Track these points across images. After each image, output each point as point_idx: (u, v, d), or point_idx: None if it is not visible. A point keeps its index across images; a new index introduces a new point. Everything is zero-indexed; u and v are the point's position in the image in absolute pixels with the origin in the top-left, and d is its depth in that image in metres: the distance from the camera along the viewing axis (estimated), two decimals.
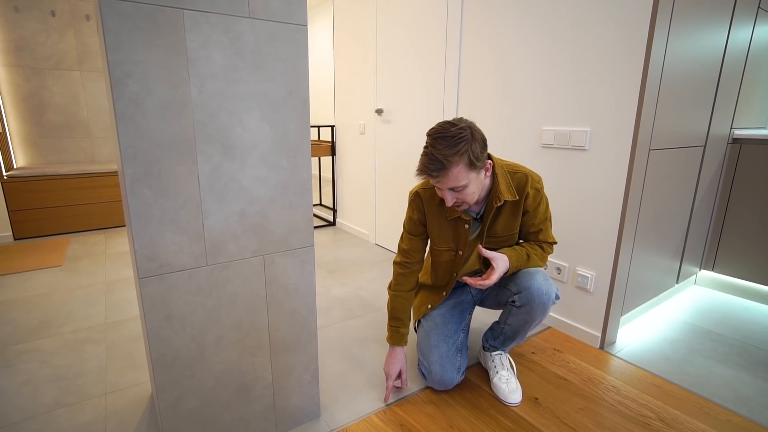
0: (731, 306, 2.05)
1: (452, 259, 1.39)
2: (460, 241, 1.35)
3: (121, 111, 0.82)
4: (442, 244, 1.38)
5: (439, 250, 1.39)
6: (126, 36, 0.80)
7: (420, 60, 2.38)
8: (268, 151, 1.01)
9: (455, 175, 1.12)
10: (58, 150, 3.46)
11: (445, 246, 1.37)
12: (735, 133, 2.04)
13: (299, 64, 1.01)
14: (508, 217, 1.31)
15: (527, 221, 1.33)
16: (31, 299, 2.04)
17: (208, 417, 1.06)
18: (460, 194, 1.17)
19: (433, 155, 1.12)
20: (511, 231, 1.33)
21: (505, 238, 1.34)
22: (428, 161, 1.13)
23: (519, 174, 1.28)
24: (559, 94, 1.68)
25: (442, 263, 1.41)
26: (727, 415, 1.29)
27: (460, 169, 1.12)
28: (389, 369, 1.37)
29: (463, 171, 1.13)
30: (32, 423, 1.23)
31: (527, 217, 1.32)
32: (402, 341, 1.40)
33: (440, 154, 1.10)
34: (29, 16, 3.18)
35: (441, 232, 1.36)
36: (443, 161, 1.10)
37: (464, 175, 1.13)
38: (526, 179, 1.27)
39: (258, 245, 1.04)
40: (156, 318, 0.93)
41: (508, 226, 1.32)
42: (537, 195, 1.29)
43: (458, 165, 1.11)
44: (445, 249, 1.38)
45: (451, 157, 1.10)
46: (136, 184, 0.86)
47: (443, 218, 1.34)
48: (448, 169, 1.11)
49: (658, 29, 1.39)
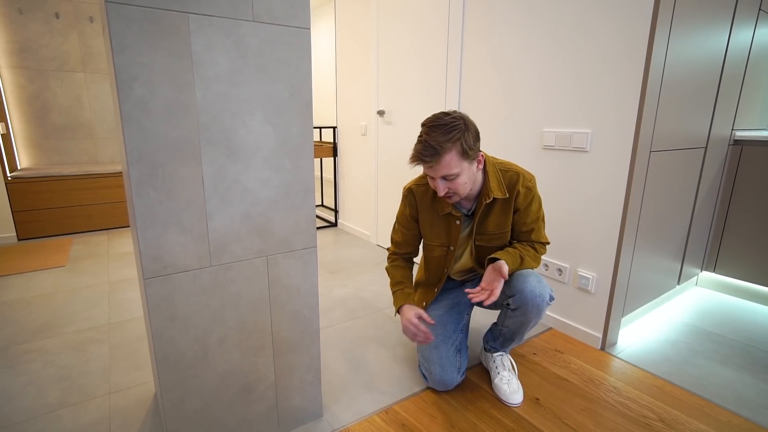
0: (732, 307, 2.05)
1: (444, 255, 1.40)
2: (451, 237, 1.36)
3: (127, 113, 0.83)
4: (433, 239, 1.39)
5: (431, 246, 1.41)
6: (131, 39, 0.81)
7: (421, 61, 2.39)
8: (271, 153, 1.02)
9: (447, 163, 1.14)
10: (62, 151, 3.48)
11: (437, 241, 1.39)
12: (736, 135, 2.04)
13: (302, 66, 1.02)
14: (499, 215, 1.32)
15: (519, 220, 1.33)
16: (35, 300, 2.05)
17: (212, 417, 1.07)
18: (452, 184, 1.18)
19: (427, 142, 1.14)
20: (503, 229, 1.34)
21: (496, 236, 1.35)
22: (422, 148, 1.15)
23: (510, 172, 1.30)
24: (561, 95, 1.69)
25: (434, 258, 1.43)
26: (729, 416, 1.29)
27: (453, 156, 1.14)
28: (410, 319, 1.28)
29: (456, 158, 1.14)
30: (36, 423, 1.24)
31: (519, 215, 1.33)
32: (410, 299, 1.36)
33: (434, 141, 1.13)
34: (33, 17, 3.20)
35: (432, 228, 1.38)
36: (437, 147, 1.13)
37: (456, 163, 1.15)
38: (517, 177, 1.29)
39: (261, 246, 1.05)
40: (160, 318, 0.94)
41: (499, 224, 1.33)
42: (528, 193, 1.30)
43: (451, 152, 1.13)
44: (437, 245, 1.39)
45: (444, 143, 1.13)
46: (141, 185, 0.87)
47: (435, 214, 1.36)
48: (441, 155, 1.13)
49: (659, 31, 1.40)
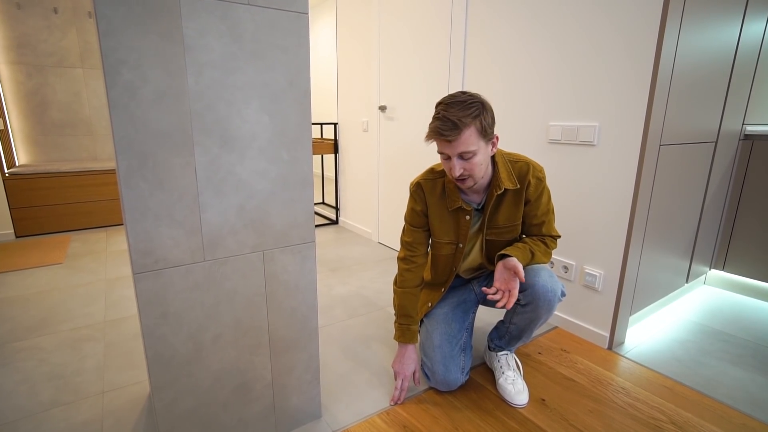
0: (742, 306, 2.00)
1: (452, 253, 1.37)
2: (460, 234, 1.33)
3: (115, 100, 0.79)
4: (442, 236, 1.36)
5: (440, 243, 1.37)
6: (119, 22, 0.77)
7: (423, 54, 2.35)
8: (267, 144, 0.98)
9: (467, 138, 1.12)
10: (60, 148, 3.45)
11: (446, 238, 1.35)
12: (747, 129, 1.99)
13: (300, 53, 0.98)
14: (510, 207, 1.29)
15: (529, 212, 1.30)
16: (31, 297, 2.02)
17: (206, 417, 1.03)
18: (468, 164, 1.16)
19: (446, 117, 1.12)
20: (514, 222, 1.31)
21: (507, 230, 1.31)
22: (441, 123, 1.12)
23: (520, 163, 1.27)
24: (567, 88, 1.64)
25: (442, 257, 1.39)
26: (743, 418, 1.25)
27: (472, 132, 1.12)
28: (403, 369, 1.34)
29: (474, 135, 1.13)
30: (27, 422, 1.20)
31: (529, 207, 1.30)
32: (414, 339, 1.38)
33: (454, 116, 1.11)
34: (31, 13, 3.17)
35: (442, 224, 1.34)
36: (457, 122, 1.11)
37: (475, 141, 1.13)
38: (527, 168, 1.26)
39: (257, 240, 1.01)
40: (152, 315, 0.91)
41: (510, 216, 1.30)
42: (539, 184, 1.27)
43: (470, 128, 1.12)
44: (446, 242, 1.36)
45: (464, 118, 1.11)
46: (130, 176, 0.83)
47: (444, 209, 1.32)
48: (461, 129, 1.11)
49: (670, 22, 1.35)
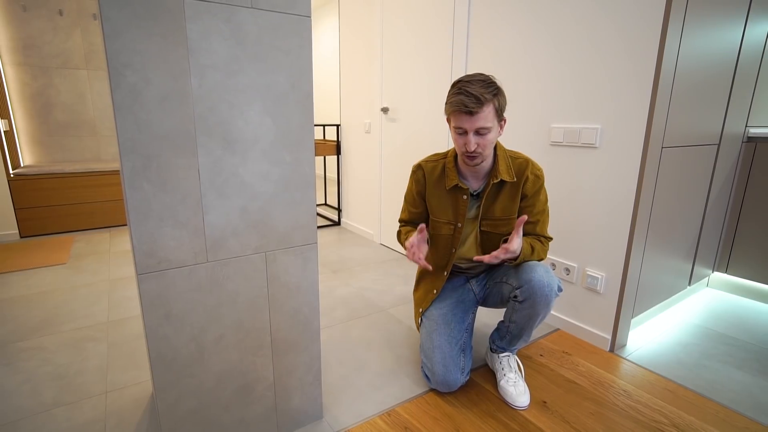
0: (745, 309, 1.99)
1: (452, 234, 1.40)
2: (458, 213, 1.36)
3: (119, 102, 0.80)
4: (440, 215, 1.39)
5: (439, 223, 1.40)
6: (124, 24, 0.78)
7: (426, 57, 2.35)
8: (270, 146, 0.98)
9: (487, 114, 1.17)
10: (65, 148, 3.47)
11: (444, 218, 1.39)
12: (750, 132, 1.98)
13: (302, 55, 0.98)
14: (507, 199, 1.32)
15: (525, 208, 1.33)
16: (34, 297, 2.03)
17: (208, 418, 1.04)
18: (482, 139, 1.20)
19: (469, 92, 1.16)
20: (510, 215, 1.34)
21: (503, 222, 1.34)
22: (465, 97, 1.16)
23: (520, 159, 1.33)
24: (569, 90, 1.64)
25: (441, 237, 1.42)
26: (746, 422, 1.24)
27: (491, 109, 1.18)
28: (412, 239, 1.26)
29: (492, 112, 1.18)
30: (30, 422, 1.21)
31: (526, 202, 1.33)
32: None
33: (476, 92, 1.16)
34: (37, 14, 3.19)
35: (440, 203, 1.39)
36: (480, 97, 1.15)
37: (492, 118, 1.19)
38: (526, 164, 1.32)
39: (259, 242, 1.02)
40: (155, 316, 0.91)
41: (506, 208, 1.33)
42: (537, 181, 1.31)
43: (490, 104, 1.17)
44: (444, 221, 1.39)
45: (485, 94, 1.16)
46: (134, 177, 0.84)
47: (442, 189, 1.37)
48: (483, 104, 1.16)
49: (672, 24, 1.35)
